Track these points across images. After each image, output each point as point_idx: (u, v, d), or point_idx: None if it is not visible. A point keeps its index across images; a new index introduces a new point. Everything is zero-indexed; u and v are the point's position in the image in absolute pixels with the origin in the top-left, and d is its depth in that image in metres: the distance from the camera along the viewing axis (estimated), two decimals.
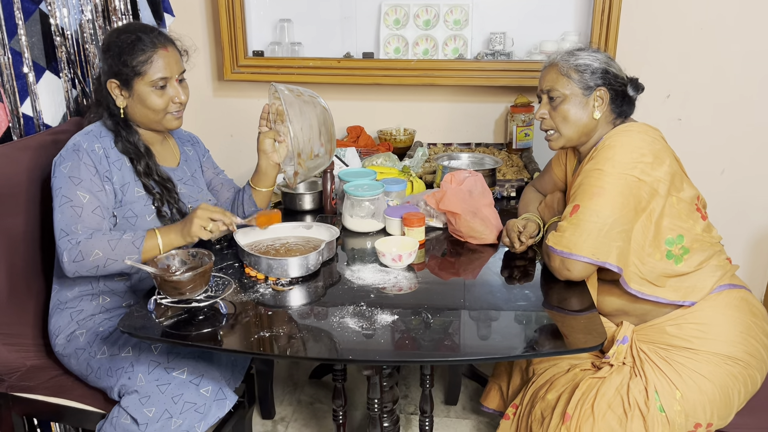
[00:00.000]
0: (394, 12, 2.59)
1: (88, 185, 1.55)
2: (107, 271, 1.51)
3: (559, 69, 1.62)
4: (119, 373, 1.54)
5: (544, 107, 1.67)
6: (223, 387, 1.55)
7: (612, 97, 1.62)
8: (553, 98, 1.64)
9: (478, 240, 1.75)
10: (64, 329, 1.64)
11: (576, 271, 1.51)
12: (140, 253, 1.50)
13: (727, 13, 2.40)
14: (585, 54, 1.63)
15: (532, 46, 2.56)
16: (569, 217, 1.53)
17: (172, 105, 1.64)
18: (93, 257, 1.48)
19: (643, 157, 1.51)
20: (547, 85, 1.65)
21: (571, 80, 1.61)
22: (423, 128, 2.69)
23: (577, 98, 1.62)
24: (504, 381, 1.89)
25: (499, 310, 1.44)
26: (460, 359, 1.44)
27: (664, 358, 1.54)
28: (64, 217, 1.52)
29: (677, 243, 1.55)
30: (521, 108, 2.51)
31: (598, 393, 1.53)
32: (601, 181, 1.50)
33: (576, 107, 1.62)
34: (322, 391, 2.46)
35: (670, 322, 1.57)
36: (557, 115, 1.64)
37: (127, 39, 1.58)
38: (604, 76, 1.62)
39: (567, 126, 1.64)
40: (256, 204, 1.81)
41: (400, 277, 1.57)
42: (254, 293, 1.51)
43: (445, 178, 1.82)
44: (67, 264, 1.49)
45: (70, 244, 1.49)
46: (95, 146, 1.59)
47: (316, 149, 1.70)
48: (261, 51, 2.64)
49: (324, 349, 1.31)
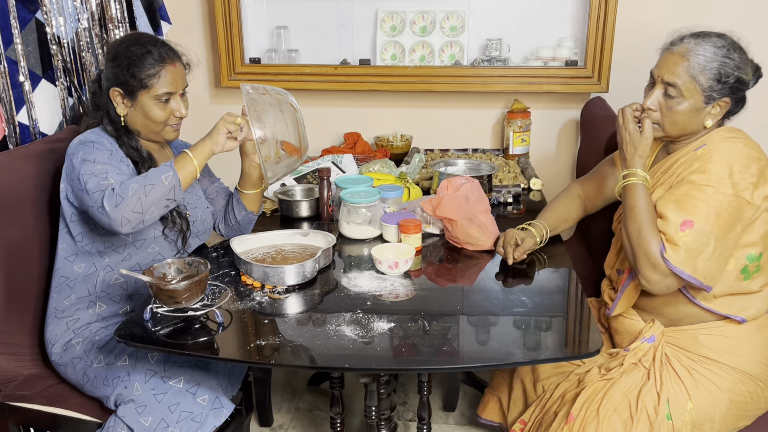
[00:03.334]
0: (390, 19, 2.60)
1: (106, 161, 1.55)
2: (152, 201, 1.46)
3: (689, 67, 1.48)
4: (115, 383, 1.54)
5: (656, 97, 1.54)
6: (220, 396, 1.55)
7: (731, 106, 1.53)
8: (670, 95, 1.51)
9: (474, 246, 1.75)
10: (61, 338, 1.64)
11: (670, 289, 1.47)
12: (174, 169, 1.50)
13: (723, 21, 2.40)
14: (720, 53, 1.48)
15: (529, 51, 2.56)
16: (680, 230, 1.43)
17: (173, 118, 1.65)
18: (131, 192, 1.45)
19: (751, 177, 1.44)
20: (668, 76, 1.50)
21: (697, 84, 1.48)
22: (420, 134, 2.69)
23: (696, 104, 1.50)
24: (503, 392, 1.84)
25: (497, 316, 1.44)
26: (459, 367, 1.44)
27: (686, 367, 1.51)
28: (90, 183, 1.49)
29: (756, 260, 1.51)
30: (518, 113, 2.51)
31: (605, 396, 1.50)
32: (715, 201, 1.43)
33: (691, 113, 1.51)
34: (321, 398, 2.45)
35: (704, 331, 1.54)
36: (667, 111, 1.52)
37: (138, 51, 1.58)
38: (733, 85, 1.49)
39: (673, 126, 1.53)
40: (245, 207, 1.81)
41: (396, 284, 1.57)
42: (250, 301, 1.50)
43: (442, 185, 1.82)
44: (112, 212, 1.44)
45: (105, 194, 1.45)
46: (103, 140, 1.61)
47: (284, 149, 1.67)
48: (258, 58, 2.65)
49: (321, 357, 1.30)
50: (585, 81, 2.44)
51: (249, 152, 1.73)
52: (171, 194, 1.49)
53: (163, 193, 1.48)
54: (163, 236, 1.66)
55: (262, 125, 1.57)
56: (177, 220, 1.66)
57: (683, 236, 1.43)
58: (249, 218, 1.84)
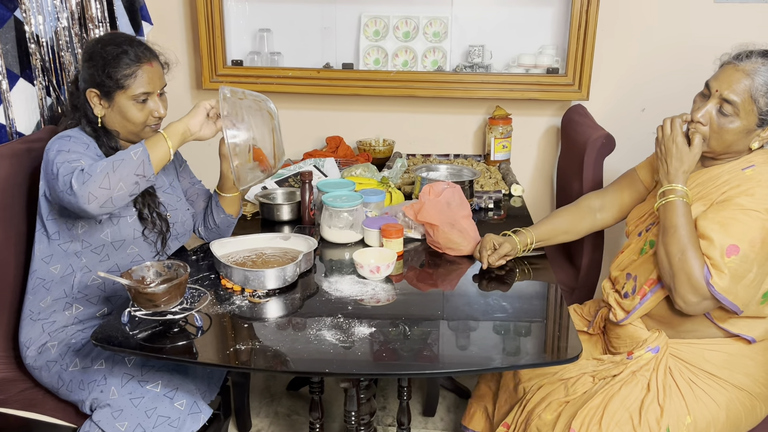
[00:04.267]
0: (373, 23, 2.60)
1: (82, 152, 1.53)
2: (120, 177, 1.40)
3: (752, 86, 1.43)
4: (91, 386, 1.52)
5: (709, 111, 1.48)
6: (198, 400, 1.53)
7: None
8: (724, 112, 1.46)
9: (455, 251, 1.76)
10: (36, 341, 1.61)
11: (710, 308, 1.46)
12: (144, 144, 1.45)
13: (700, 32, 2.45)
14: None
15: (510, 59, 2.59)
16: (726, 255, 1.40)
17: (151, 119, 1.63)
18: (99, 169, 1.40)
19: None
20: (728, 93, 1.45)
21: (756, 105, 1.44)
22: (402, 139, 2.70)
23: (749, 126, 1.46)
24: (489, 401, 1.81)
25: (477, 321, 1.45)
26: (439, 372, 1.44)
27: (687, 380, 1.51)
28: (63, 170, 1.45)
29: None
30: (499, 120, 2.53)
31: (606, 409, 1.47)
32: (762, 227, 1.40)
33: (740, 133, 1.47)
34: (300, 402, 2.44)
35: (710, 347, 1.53)
36: (717, 128, 1.48)
37: (113, 51, 1.56)
38: None
39: (719, 143, 1.49)
40: (224, 210, 1.80)
41: (378, 289, 1.57)
42: (230, 305, 1.49)
43: (424, 190, 1.83)
44: (78, 189, 1.38)
45: (74, 173, 1.41)
46: (81, 136, 1.59)
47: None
48: (240, 60, 2.63)
49: (301, 361, 1.30)
50: (566, 88, 2.47)
51: (227, 154, 1.71)
52: (140, 170, 1.43)
53: (132, 169, 1.42)
54: (143, 237, 1.64)
55: (237, 130, 1.55)
56: (157, 222, 1.65)
57: (729, 262, 1.40)
58: (228, 221, 1.83)
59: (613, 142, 2.09)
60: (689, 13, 2.44)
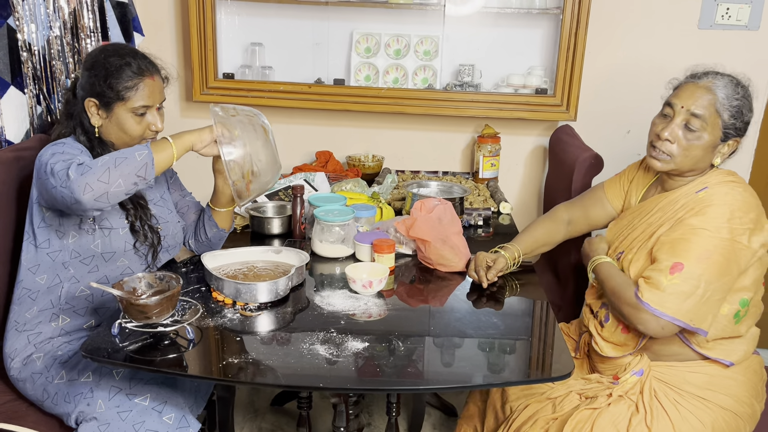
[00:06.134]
0: (365, 40, 2.63)
1: (77, 154, 1.51)
2: (120, 174, 1.38)
3: (716, 102, 1.49)
4: (77, 399, 1.49)
5: (676, 128, 1.53)
6: (187, 414, 1.51)
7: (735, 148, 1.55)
8: (691, 128, 1.51)
9: (447, 267, 1.77)
10: (21, 352, 1.58)
11: (667, 331, 1.47)
12: (149, 147, 1.43)
13: (683, 57, 2.50)
14: (739, 93, 1.50)
15: (500, 78, 2.62)
16: (669, 273, 1.45)
17: (149, 132, 1.62)
18: (101, 162, 1.38)
19: (750, 223, 1.46)
20: (695, 108, 1.50)
21: (720, 120, 1.49)
22: (391, 155, 2.72)
23: (714, 140, 1.51)
24: (478, 422, 1.81)
25: (467, 338, 1.45)
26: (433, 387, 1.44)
27: (672, 401, 1.52)
28: (58, 166, 1.42)
29: (747, 305, 1.52)
30: (488, 138, 2.56)
31: (594, 425, 1.48)
32: (710, 244, 1.44)
33: (707, 148, 1.52)
34: (284, 418, 2.42)
35: (691, 369, 1.55)
36: (685, 144, 1.52)
37: (116, 62, 1.55)
38: (745, 126, 1.52)
39: (685, 159, 1.53)
40: (217, 225, 1.79)
41: (370, 304, 1.57)
42: (221, 318, 1.48)
43: (415, 206, 1.84)
44: (76, 179, 1.36)
45: (71, 165, 1.38)
46: (77, 146, 1.57)
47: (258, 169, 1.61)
48: (231, 74, 2.64)
49: (293, 376, 1.29)
50: (554, 109, 2.51)
51: (222, 170, 1.70)
52: (142, 171, 1.42)
53: (134, 168, 1.41)
54: (134, 250, 1.62)
55: (233, 147, 1.54)
56: (148, 234, 1.63)
57: (672, 279, 1.44)
58: (220, 235, 1.82)
59: (602, 162, 2.13)
60: (673, 38, 2.50)
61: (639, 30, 2.51)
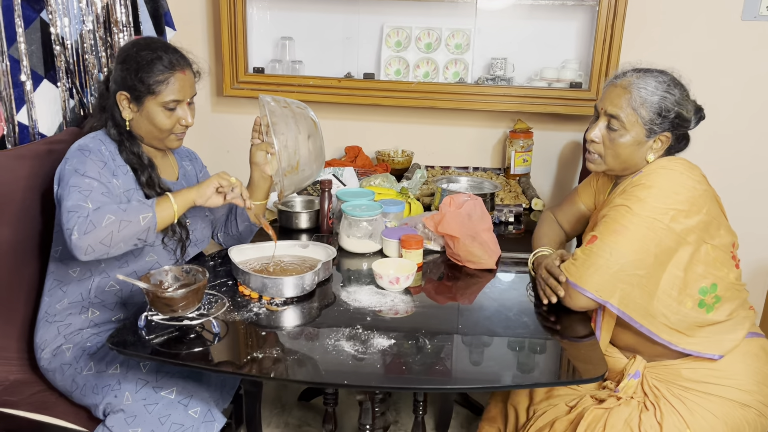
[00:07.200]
0: (396, 34, 2.60)
1: (96, 176, 1.50)
2: (122, 237, 1.41)
3: (631, 99, 1.51)
4: (105, 391, 1.50)
5: (599, 130, 1.57)
6: (212, 408, 1.51)
7: (672, 142, 1.55)
8: (613, 128, 1.54)
9: (476, 264, 1.73)
10: (51, 343, 1.60)
11: (577, 302, 1.49)
12: (154, 210, 1.44)
13: (725, 48, 2.41)
14: (660, 88, 1.51)
15: (533, 72, 2.57)
16: (585, 246, 1.50)
17: (178, 126, 1.62)
18: (105, 222, 1.39)
19: (678, 204, 1.45)
20: (611, 108, 1.54)
21: (639, 117, 1.51)
22: (421, 150, 2.68)
23: (638, 137, 1.53)
24: (501, 423, 1.77)
25: (496, 337, 1.41)
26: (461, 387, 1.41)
27: (677, 396, 1.49)
28: (71, 200, 1.44)
29: (711, 292, 1.49)
30: (520, 133, 2.50)
31: (607, 424, 1.47)
32: (625, 219, 1.45)
33: (632, 146, 1.54)
34: (311, 413, 2.41)
35: (686, 365, 1.52)
36: (610, 144, 1.56)
37: (148, 56, 1.55)
38: (674, 120, 1.52)
39: (615, 159, 1.57)
40: (249, 218, 1.78)
41: (397, 300, 1.55)
42: (247, 312, 1.47)
43: (444, 201, 1.81)
44: (77, 240, 1.37)
45: (79, 219, 1.40)
46: (101, 148, 1.57)
47: (303, 162, 1.64)
48: (261, 68, 2.64)
49: (319, 372, 1.27)
50: (589, 103, 2.44)
51: (260, 162, 1.69)
52: (144, 235, 1.45)
53: (136, 232, 1.43)
54: (162, 245, 1.62)
55: (283, 138, 1.56)
56: (177, 230, 1.63)
57: (585, 250, 1.49)
58: (251, 229, 1.82)
59: None
60: (714, 30, 2.41)
61: (678, 22, 2.42)
